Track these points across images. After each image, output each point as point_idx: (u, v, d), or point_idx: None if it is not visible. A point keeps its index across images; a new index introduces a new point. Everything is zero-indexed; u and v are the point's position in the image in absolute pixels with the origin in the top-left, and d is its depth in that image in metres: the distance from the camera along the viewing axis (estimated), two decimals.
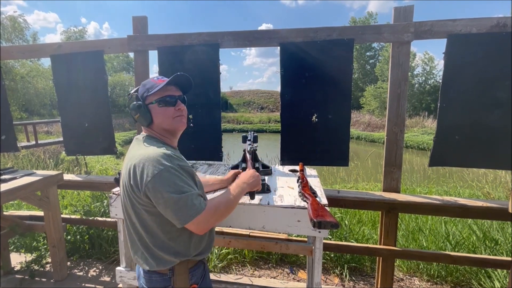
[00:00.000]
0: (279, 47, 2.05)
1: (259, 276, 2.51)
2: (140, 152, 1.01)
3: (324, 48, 1.98)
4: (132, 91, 1.12)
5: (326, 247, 2.16)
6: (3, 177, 2.10)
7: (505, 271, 2.18)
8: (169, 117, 1.07)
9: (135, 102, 1.07)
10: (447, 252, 2.04)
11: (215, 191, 1.46)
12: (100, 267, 2.64)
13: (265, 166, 1.89)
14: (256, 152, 1.67)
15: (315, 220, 1.01)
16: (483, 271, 2.30)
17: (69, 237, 2.80)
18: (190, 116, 2.18)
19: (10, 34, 16.88)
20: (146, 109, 1.06)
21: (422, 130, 17.99)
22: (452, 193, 4.63)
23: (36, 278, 2.44)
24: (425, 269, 2.48)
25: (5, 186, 1.94)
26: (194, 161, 2.23)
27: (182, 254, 1.05)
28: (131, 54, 2.40)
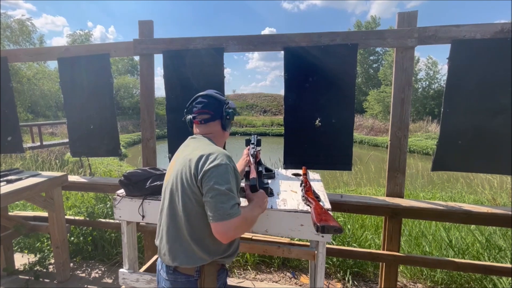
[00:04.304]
0: (283, 51, 2.07)
1: (261, 280, 2.50)
2: (209, 146, 1.11)
3: (327, 53, 2.00)
4: (223, 99, 1.28)
5: (329, 251, 2.15)
6: (9, 177, 2.13)
7: (510, 278, 2.15)
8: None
9: (231, 110, 1.26)
10: (451, 259, 2.01)
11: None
12: (103, 269, 2.64)
13: (268, 170, 1.89)
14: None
15: (318, 224, 1.01)
16: (488, 278, 2.27)
17: (72, 238, 2.82)
18: None
19: (18, 37, 17.14)
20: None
21: (426, 134, 17.85)
22: (457, 198, 4.58)
23: (39, 279, 2.45)
24: (429, 275, 2.45)
25: (11, 187, 1.97)
26: None
27: (214, 253, 1.08)
28: (136, 57, 2.43)
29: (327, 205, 1.40)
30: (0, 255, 2.47)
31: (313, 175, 2.03)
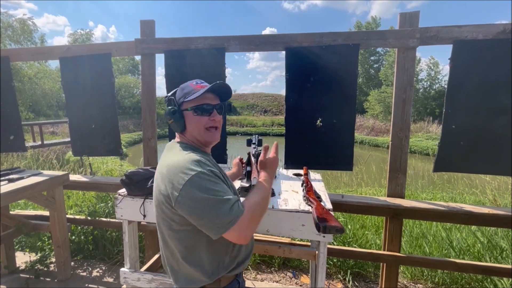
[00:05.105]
0: (284, 51, 2.07)
1: (262, 280, 2.50)
2: (169, 161, 0.96)
3: (329, 53, 2.00)
4: (170, 94, 1.07)
5: (330, 252, 2.15)
6: (10, 176, 2.14)
7: (510, 279, 2.14)
8: (201, 127, 1.02)
9: (170, 107, 1.03)
10: (452, 259, 2.01)
11: None
12: (104, 268, 2.65)
13: None
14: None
15: (320, 224, 1.01)
16: (489, 279, 2.27)
17: (73, 237, 2.82)
18: None
19: (19, 37, 17.20)
20: (181, 115, 1.02)
21: (427, 135, 17.84)
22: (457, 199, 4.58)
23: (40, 278, 2.46)
24: (429, 276, 2.45)
25: (12, 186, 1.97)
26: None
27: (214, 272, 0.98)
28: (137, 57, 2.44)
29: (328, 205, 1.40)
30: (0, 253, 2.48)
31: (314, 175, 2.03)
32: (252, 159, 1.48)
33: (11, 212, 2.64)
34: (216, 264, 0.99)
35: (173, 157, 0.97)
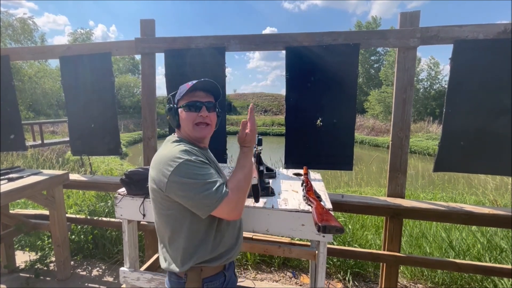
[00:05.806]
0: (284, 51, 2.07)
1: (262, 280, 2.50)
2: (161, 152, 1.05)
3: (329, 52, 1.99)
4: (172, 93, 1.17)
5: (330, 252, 2.15)
6: (10, 175, 2.14)
7: (510, 279, 2.14)
8: (190, 123, 1.07)
9: (168, 105, 1.14)
10: (452, 259, 2.01)
11: None
12: (103, 267, 2.65)
13: (269, 169, 1.89)
14: (260, 155, 1.67)
15: (320, 224, 1.01)
16: (489, 279, 2.27)
17: (73, 236, 2.82)
18: None
19: (19, 36, 17.20)
20: (176, 112, 1.11)
21: (427, 135, 17.83)
22: (458, 199, 4.57)
23: (40, 277, 2.46)
24: (429, 276, 2.45)
25: (12, 185, 1.97)
26: None
27: (192, 257, 1.02)
28: (137, 56, 2.43)
29: (328, 205, 1.40)
30: (0, 253, 2.48)
31: (314, 175, 2.02)
32: (252, 159, 1.48)
33: (11, 211, 2.64)
34: (195, 250, 1.02)
35: (166, 148, 1.05)
